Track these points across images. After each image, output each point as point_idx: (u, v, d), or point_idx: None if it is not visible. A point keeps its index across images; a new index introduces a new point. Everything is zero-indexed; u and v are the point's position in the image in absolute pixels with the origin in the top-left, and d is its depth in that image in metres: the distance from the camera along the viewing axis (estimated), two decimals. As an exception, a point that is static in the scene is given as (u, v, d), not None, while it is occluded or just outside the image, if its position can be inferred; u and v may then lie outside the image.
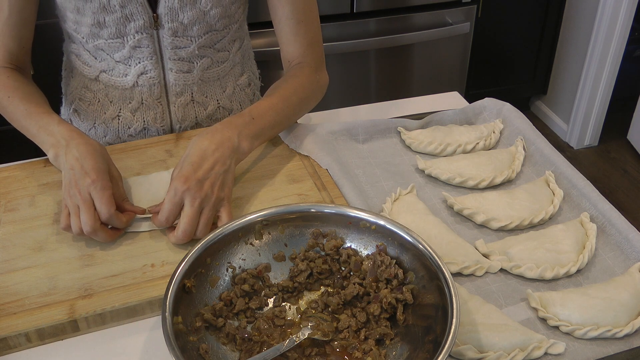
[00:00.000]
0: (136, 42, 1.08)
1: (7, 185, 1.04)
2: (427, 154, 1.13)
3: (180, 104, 1.17)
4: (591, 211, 0.98)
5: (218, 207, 0.91)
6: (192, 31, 1.09)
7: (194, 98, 1.18)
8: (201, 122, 1.21)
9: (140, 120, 1.18)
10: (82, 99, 1.19)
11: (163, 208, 0.90)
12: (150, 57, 1.11)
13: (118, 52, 1.10)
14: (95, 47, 1.10)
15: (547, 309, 0.83)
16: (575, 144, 2.98)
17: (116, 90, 1.15)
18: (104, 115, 1.18)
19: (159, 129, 1.19)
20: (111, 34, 1.07)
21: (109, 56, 1.11)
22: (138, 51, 1.09)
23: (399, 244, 0.82)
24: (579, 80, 2.83)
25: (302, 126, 1.16)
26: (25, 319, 0.80)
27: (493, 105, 1.22)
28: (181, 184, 0.89)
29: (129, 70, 1.12)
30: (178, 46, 1.10)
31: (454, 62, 2.56)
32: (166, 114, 1.18)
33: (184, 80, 1.15)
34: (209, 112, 1.21)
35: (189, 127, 1.21)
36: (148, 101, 1.16)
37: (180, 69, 1.13)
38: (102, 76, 1.15)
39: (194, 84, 1.16)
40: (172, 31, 1.08)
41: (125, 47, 1.09)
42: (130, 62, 1.11)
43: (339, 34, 2.29)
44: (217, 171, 0.91)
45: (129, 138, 1.20)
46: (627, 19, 2.60)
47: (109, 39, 1.08)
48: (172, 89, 1.15)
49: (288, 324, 0.80)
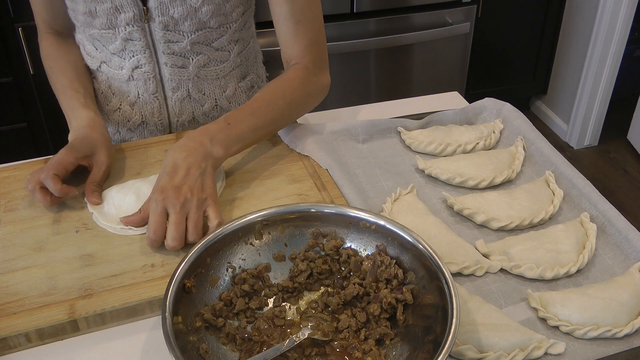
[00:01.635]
0: (127, 34, 1.08)
1: (7, 185, 1.04)
2: (427, 154, 1.13)
3: (177, 98, 1.18)
4: (591, 211, 0.98)
5: (202, 208, 0.91)
6: (184, 26, 1.09)
7: (190, 94, 1.18)
8: (198, 117, 1.22)
9: (139, 115, 1.18)
10: None
11: (149, 224, 0.89)
12: (144, 51, 1.11)
13: (112, 44, 1.11)
14: (91, 36, 1.11)
15: (547, 309, 0.83)
16: (575, 144, 2.98)
17: (116, 82, 1.16)
18: (107, 107, 1.19)
19: (157, 123, 1.20)
20: (103, 24, 1.07)
21: (104, 47, 1.12)
22: (130, 44, 1.10)
23: (399, 244, 0.82)
24: (579, 80, 2.83)
25: (302, 126, 1.16)
26: (25, 319, 0.80)
27: (493, 105, 1.22)
28: (159, 195, 0.89)
29: (123, 63, 1.12)
30: (170, 40, 1.10)
31: (454, 62, 2.57)
32: (163, 108, 1.18)
33: (179, 75, 1.15)
34: (206, 109, 1.21)
35: (186, 122, 1.21)
36: (144, 96, 1.16)
37: (175, 64, 1.14)
38: (103, 67, 1.16)
39: (190, 79, 1.17)
40: (163, 25, 1.08)
41: (118, 39, 1.09)
42: (124, 55, 1.12)
43: (339, 34, 2.29)
44: (193, 175, 0.92)
45: (128, 132, 1.20)
46: (627, 19, 2.60)
47: (101, 29, 1.08)
48: (168, 83, 1.16)
49: (288, 324, 0.80)
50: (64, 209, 0.99)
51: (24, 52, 2.10)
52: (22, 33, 2.06)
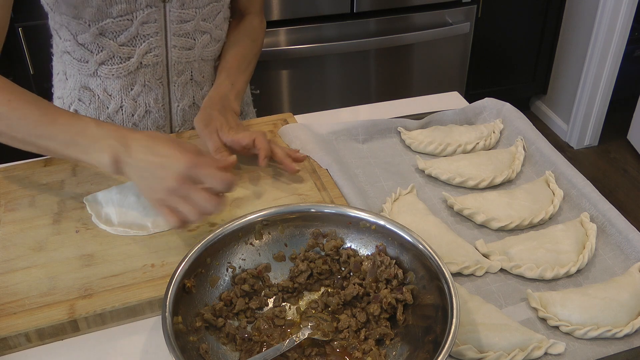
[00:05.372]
0: (145, 16, 1.08)
1: (7, 185, 1.04)
2: (427, 154, 1.13)
3: (181, 82, 1.19)
4: (591, 211, 0.98)
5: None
6: (198, 1, 1.12)
7: (193, 77, 1.21)
8: (198, 102, 1.23)
9: (143, 105, 1.18)
10: (81, 100, 1.18)
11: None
12: (156, 34, 1.11)
13: (124, 32, 1.09)
14: (99, 29, 1.07)
15: (547, 309, 0.83)
16: (575, 144, 2.98)
17: (116, 81, 1.15)
18: (107, 111, 1.18)
19: (160, 109, 1.20)
20: (121, 10, 1.06)
21: (111, 41, 1.09)
22: (146, 27, 1.10)
23: (399, 244, 0.82)
24: (579, 80, 2.83)
25: (302, 126, 1.16)
26: (25, 319, 0.80)
27: (493, 105, 1.22)
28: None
29: (133, 52, 1.12)
30: (183, 19, 1.12)
31: (454, 62, 2.56)
32: (166, 93, 1.19)
33: (185, 57, 1.17)
34: (204, 92, 1.23)
35: (187, 107, 1.22)
36: (150, 82, 1.16)
37: (183, 46, 1.15)
38: (101, 69, 1.13)
39: (195, 61, 1.19)
40: (181, 2, 1.10)
41: (134, 24, 1.08)
42: (135, 42, 1.11)
43: (339, 34, 2.29)
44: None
45: (132, 127, 1.20)
46: (627, 19, 2.60)
47: (117, 16, 1.06)
48: (174, 67, 1.17)
49: (288, 324, 0.81)
50: (64, 209, 0.99)
51: (24, 52, 2.09)
52: (22, 33, 2.06)
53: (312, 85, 2.38)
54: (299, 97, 2.39)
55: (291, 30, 2.21)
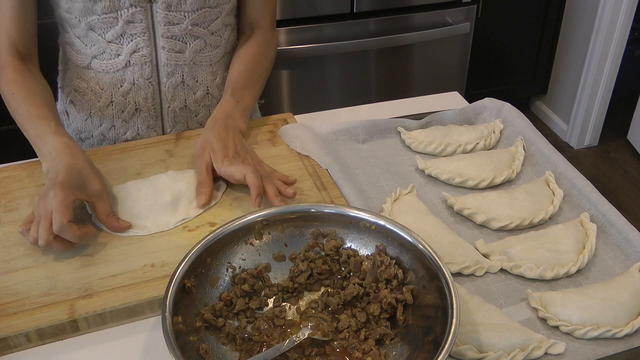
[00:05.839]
0: (130, 16, 1.08)
1: (7, 185, 1.04)
2: (427, 154, 1.13)
3: (171, 84, 1.18)
4: (591, 211, 0.98)
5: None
6: (186, 5, 1.10)
7: (184, 80, 1.19)
8: (190, 105, 1.22)
9: (132, 103, 1.18)
10: (77, 90, 1.20)
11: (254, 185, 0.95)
12: (143, 34, 1.11)
13: (111, 30, 1.10)
14: (88, 25, 1.09)
15: (547, 309, 0.83)
16: (575, 144, 2.98)
17: (107, 76, 1.15)
18: (98, 104, 1.19)
19: (150, 108, 1.20)
20: (105, 7, 1.07)
21: (100, 37, 1.11)
22: (131, 27, 1.10)
23: (399, 244, 0.82)
24: (579, 80, 2.83)
25: (302, 126, 1.16)
26: (25, 319, 0.80)
27: (493, 105, 1.22)
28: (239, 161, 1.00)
29: (121, 49, 1.12)
30: (171, 22, 1.11)
31: (454, 62, 2.56)
32: (156, 93, 1.19)
33: (175, 60, 1.16)
34: (198, 97, 1.22)
35: (177, 109, 1.22)
36: (139, 81, 1.16)
37: (172, 48, 1.14)
38: (94, 63, 1.15)
39: (186, 65, 1.17)
40: (166, 4, 1.09)
41: (119, 22, 1.09)
42: (122, 41, 1.11)
43: (339, 34, 2.29)
44: (239, 143, 1.06)
45: (122, 125, 1.20)
46: (627, 19, 2.60)
47: (102, 14, 1.08)
48: (164, 68, 1.16)
49: (288, 324, 0.81)
50: (64, 209, 0.98)
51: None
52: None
53: (312, 85, 2.38)
54: (299, 97, 2.40)
55: (291, 30, 2.21)
